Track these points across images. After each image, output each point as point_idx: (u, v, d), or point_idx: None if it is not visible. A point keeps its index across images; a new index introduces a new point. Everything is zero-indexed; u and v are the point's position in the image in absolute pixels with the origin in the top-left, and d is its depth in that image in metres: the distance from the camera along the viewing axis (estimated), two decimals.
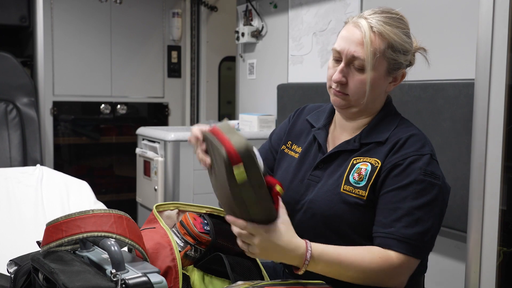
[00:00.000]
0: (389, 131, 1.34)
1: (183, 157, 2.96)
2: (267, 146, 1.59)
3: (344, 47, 1.31)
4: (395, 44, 1.29)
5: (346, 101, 1.34)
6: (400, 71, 1.35)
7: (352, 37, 1.30)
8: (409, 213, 1.22)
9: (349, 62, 1.31)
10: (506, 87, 1.36)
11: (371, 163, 1.30)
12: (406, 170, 1.25)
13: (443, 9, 2.10)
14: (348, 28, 1.33)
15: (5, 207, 2.11)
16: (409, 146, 1.29)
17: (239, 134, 1.13)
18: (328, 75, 1.37)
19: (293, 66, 3.15)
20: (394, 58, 1.30)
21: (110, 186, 4.14)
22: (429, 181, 1.25)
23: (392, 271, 1.21)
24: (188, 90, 4.33)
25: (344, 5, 2.68)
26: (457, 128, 1.94)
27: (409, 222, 1.22)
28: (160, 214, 1.42)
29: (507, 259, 1.42)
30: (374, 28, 1.28)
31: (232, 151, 1.09)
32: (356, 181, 1.30)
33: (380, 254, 1.21)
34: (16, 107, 3.38)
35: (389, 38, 1.28)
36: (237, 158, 1.09)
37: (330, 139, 1.44)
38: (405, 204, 1.23)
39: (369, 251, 1.22)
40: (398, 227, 1.22)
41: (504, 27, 1.34)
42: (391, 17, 1.31)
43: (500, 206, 1.40)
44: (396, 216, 1.23)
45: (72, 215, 1.07)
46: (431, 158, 1.28)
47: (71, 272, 0.98)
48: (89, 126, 4.08)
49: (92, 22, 3.92)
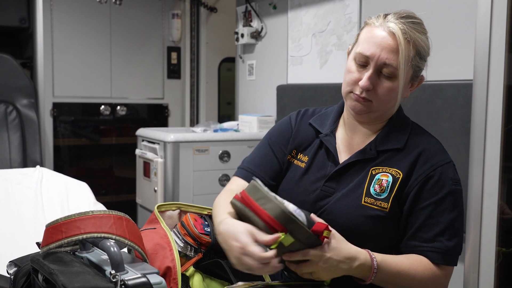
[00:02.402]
0: (405, 137, 1.32)
1: (182, 158, 2.97)
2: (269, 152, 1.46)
3: (375, 53, 1.24)
4: (422, 52, 1.27)
5: (367, 107, 1.29)
6: (418, 78, 1.33)
7: (383, 42, 1.23)
8: (449, 226, 1.24)
9: (378, 69, 1.25)
10: (504, 87, 1.36)
11: (392, 174, 1.28)
12: (439, 182, 1.25)
13: (441, 11, 2.10)
14: (376, 32, 1.25)
15: (5, 208, 2.11)
16: (434, 156, 1.28)
17: (272, 199, 1.09)
18: (349, 79, 1.29)
19: (292, 67, 3.15)
20: (418, 65, 1.28)
21: (110, 187, 4.14)
22: (459, 190, 1.27)
23: (439, 283, 1.25)
24: (188, 91, 4.34)
25: (343, 6, 2.69)
26: (456, 129, 1.95)
27: (450, 235, 1.24)
28: (162, 214, 1.42)
29: (506, 259, 1.43)
30: (406, 34, 1.22)
31: (271, 221, 1.07)
32: (377, 193, 1.27)
33: (430, 265, 1.24)
34: (16, 108, 3.38)
35: (419, 45, 1.25)
36: (279, 227, 1.07)
37: (340, 145, 1.39)
38: (444, 217, 1.24)
39: (421, 262, 1.24)
40: (442, 241, 1.23)
41: (502, 28, 1.34)
42: (417, 22, 1.27)
43: (498, 207, 1.40)
44: (438, 230, 1.24)
45: (71, 216, 1.07)
46: (453, 165, 1.30)
47: (70, 273, 0.99)
48: (89, 127, 4.08)
49: (91, 23, 3.92)
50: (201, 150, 3.02)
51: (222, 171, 3.08)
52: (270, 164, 1.44)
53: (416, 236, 1.26)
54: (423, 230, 1.25)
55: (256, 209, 1.11)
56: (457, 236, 1.25)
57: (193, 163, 2.99)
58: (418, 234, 1.26)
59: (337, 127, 1.41)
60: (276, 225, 1.08)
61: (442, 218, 1.24)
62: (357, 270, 1.17)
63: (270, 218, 1.08)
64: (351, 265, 1.15)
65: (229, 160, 3.09)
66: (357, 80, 1.27)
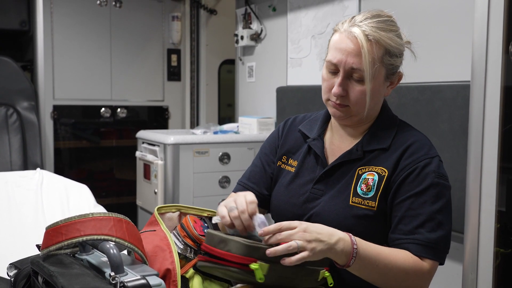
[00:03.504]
0: (391, 136, 1.33)
1: (182, 161, 2.97)
2: (259, 164, 1.52)
3: (341, 59, 1.26)
4: (391, 49, 1.27)
5: (346, 112, 1.31)
6: (397, 74, 1.34)
7: (348, 47, 1.25)
8: (430, 218, 1.22)
9: (348, 74, 1.27)
10: (501, 88, 1.37)
11: (378, 173, 1.29)
12: (420, 175, 1.25)
13: (439, 13, 2.11)
14: (341, 37, 1.27)
15: (5, 211, 2.12)
16: (418, 151, 1.28)
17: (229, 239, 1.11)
18: (324, 88, 1.33)
19: (292, 68, 3.16)
20: (391, 63, 1.28)
21: (110, 190, 4.15)
22: (443, 184, 1.26)
23: (421, 275, 1.21)
24: (188, 93, 4.34)
25: (342, 7, 2.69)
26: (454, 130, 1.95)
27: (432, 227, 1.21)
28: (162, 216, 1.43)
29: (504, 260, 1.43)
30: (369, 36, 1.23)
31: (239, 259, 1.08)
32: (364, 192, 1.28)
33: (412, 257, 1.21)
34: (17, 111, 3.39)
35: (385, 44, 1.25)
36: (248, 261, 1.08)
37: (328, 149, 1.41)
38: (425, 209, 1.22)
39: (402, 251, 1.21)
40: (423, 232, 1.21)
41: (499, 30, 1.35)
42: (383, 20, 1.28)
43: (496, 207, 1.40)
44: (418, 222, 1.22)
45: (72, 219, 1.08)
46: (439, 160, 1.29)
47: (70, 275, 0.99)
48: (89, 129, 4.09)
49: (92, 26, 3.93)
50: (201, 152, 3.03)
51: (222, 173, 3.08)
52: (261, 176, 1.49)
53: (396, 229, 1.25)
54: (403, 222, 1.24)
55: (220, 254, 1.12)
56: (440, 229, 1.22)
57: (193, 165, 3.00)
58: (398, 227, 1.24)
59: (325, 131, 1.44)
60: (245, 260, 1.09)
61: (422, 210, 1.22)
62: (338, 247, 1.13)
63: (236, 257, 1.09)
64: (330, 238, 1.12)
65: (229, 162, 3.09)
66: (331, 87, 1.30)
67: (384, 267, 1.18)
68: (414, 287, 1.22)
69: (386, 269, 1.18)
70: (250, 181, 1.50)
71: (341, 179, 1.33)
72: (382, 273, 1.19)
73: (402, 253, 1.21)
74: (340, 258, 1.14)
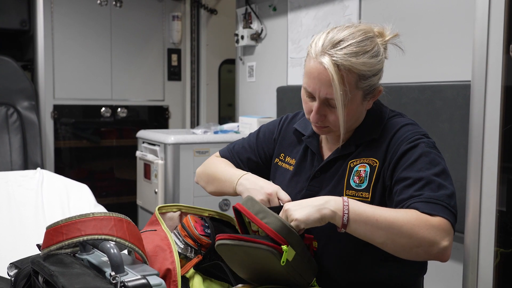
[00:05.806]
0: (380, 126, 1.34)
1: (183, 160, 2.98)
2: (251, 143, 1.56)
3: (315, 89, 1.26)
4: (365, 74, 1.25)
5: (328, 130, 1.34)
6: (376, 90, 1.32)
7: (320, 77, 1.24)
8: (429, 181, 1.18)
9: (323, 102, 1.28)
10: (502, 88, 1.37)
11: (369, 164, 1.30)
12: (411, 149, 1.24)
13: (440, 13, 2.11)
14: (314, 65, 1.25)
15: (6, 210, 2.12)
16: (405, 133, 1.29)
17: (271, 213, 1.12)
18: (305, 109, 1.35)
19: (292, 68, 3.16)
20: (367, 85, 1.27)
21: (111, 189, 4.15)
22: (435, 153, 1.25)
23: (430, 227, 1.12)
24: (188, 93, 4.34)
25: (342, 7, 2.69)
26: (455, 130, 1.95)
27: (433, 188, 1.17)
28: (163, 215, 1.43)
29: (505, 260, 1.43)
30: (340, 66, 1.21)
31: (274, 235, 1.09)
32: (357, 184, 1.30)
33: (416, 212, 1.14)
34: (17, 110, 3.39)
35: (358, 71, 1.23)
36: (281, 240, 1.09)
37: (324, 145, 1.43)
38: (422, 174, 1.19)
39: (403, 209, 1.17)
40: (423, 193, 1.17)
41: (499, 30, 1.35)
42: (356, 42, 1.23)
43: (497, 207, 1.40)
44: (418, 186, 1.18)
45: (72, 218, 1.08)
46: (428, 137, 1.29)
47: (70, 274, 0.99)
48: (90, 129, 4.09)
49: (92, 25, 3.93)
50: (201, 152, 3.03)
51: None
52: (250, 155, 1.55)
53: (399, 200, 1.21)
54: (403, 192, 1.20)
55: (257, 223, 1.13)
56: (442, 190, 1.17)
57: (194, 165, 3.00)
58: (399, 198, 1.21)
59: None
60: (278, 238, 1.09)
61: (419, 175, 1.19)
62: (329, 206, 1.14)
63: (272, 232, 1.10)
64: (316, 201, 1.16)
65: None
66: (310, 110, 1.31)
67: (385, 220, 1.13)
68: (429, 242, 1.12)
69: (388, 223, 1.12)
70: (238, 155, 1.56)
71: (335, 174, 1.35)
72: (385, 228, 1.13)
73: (403, 210, 1.16)
74: (334, 218, 1.14)
